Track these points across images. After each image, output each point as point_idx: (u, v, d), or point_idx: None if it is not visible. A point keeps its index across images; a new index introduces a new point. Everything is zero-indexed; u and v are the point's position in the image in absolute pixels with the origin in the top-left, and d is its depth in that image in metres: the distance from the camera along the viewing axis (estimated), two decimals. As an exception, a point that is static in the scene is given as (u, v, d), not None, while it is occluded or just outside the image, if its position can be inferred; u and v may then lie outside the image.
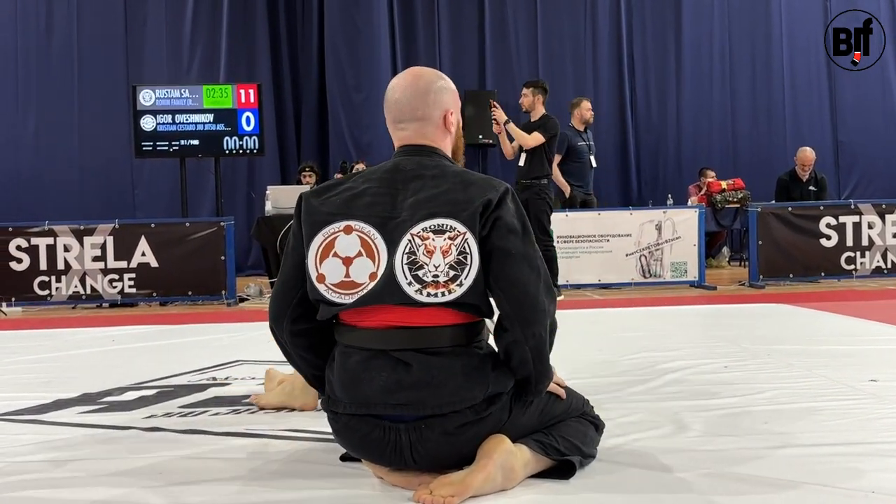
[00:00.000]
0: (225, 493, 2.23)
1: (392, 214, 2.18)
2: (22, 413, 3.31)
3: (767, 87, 12.38)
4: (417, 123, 2.31)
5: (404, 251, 2.13)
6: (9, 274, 7.68)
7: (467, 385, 2.14)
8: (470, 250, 2.12)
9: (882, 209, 8.38)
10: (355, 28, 11.79)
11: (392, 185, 2.23)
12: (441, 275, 2.12)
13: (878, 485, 2.14)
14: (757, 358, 4.08)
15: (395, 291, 2.13)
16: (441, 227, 2.13)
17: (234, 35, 11.69)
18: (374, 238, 2.17)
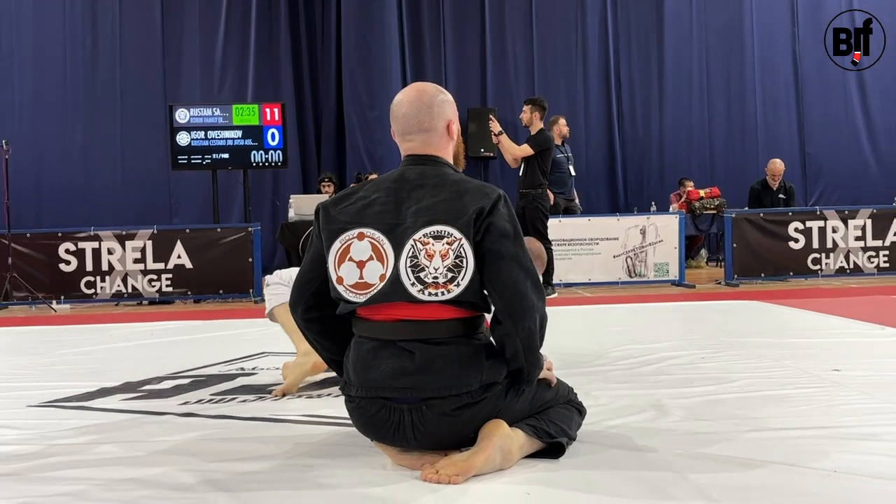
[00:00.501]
0: (252, 472, 2.23)
1: (398, 221, 2.20)
2: (70, 400, 3.33)
3: (741, 105, 12.35)
4: (424, 135, 2.32)
5: (408, 255, 2.16)
6: (58, 274, 7.70)
7: (464, 372, 2.16)
8: (465, 254, 2.15)
9: (845, 215, 8.36)
10: (369, 52, 11.80)
11: (398, 194, 2.24)
12: (440, 276, 2.14)
13: (840, 464, 2.14)
14: (731, 350, 4.08)
15: (401, 291, 2.16)
16: (440, 233, 2.15)
17: (261, 59, 11.70)
18: (382, 243, 2.19)
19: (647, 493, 1.96)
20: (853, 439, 2.38)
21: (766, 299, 6.55)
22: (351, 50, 11.76)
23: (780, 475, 2.08)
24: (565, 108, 11.72)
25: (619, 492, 1.98)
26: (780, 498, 1.91)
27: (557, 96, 11.83)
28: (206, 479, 2.16)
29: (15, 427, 2.84)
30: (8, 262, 7.45)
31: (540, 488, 2.02)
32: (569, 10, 12.16)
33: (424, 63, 12.01)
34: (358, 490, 2.07)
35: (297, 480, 2.16)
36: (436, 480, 2.07)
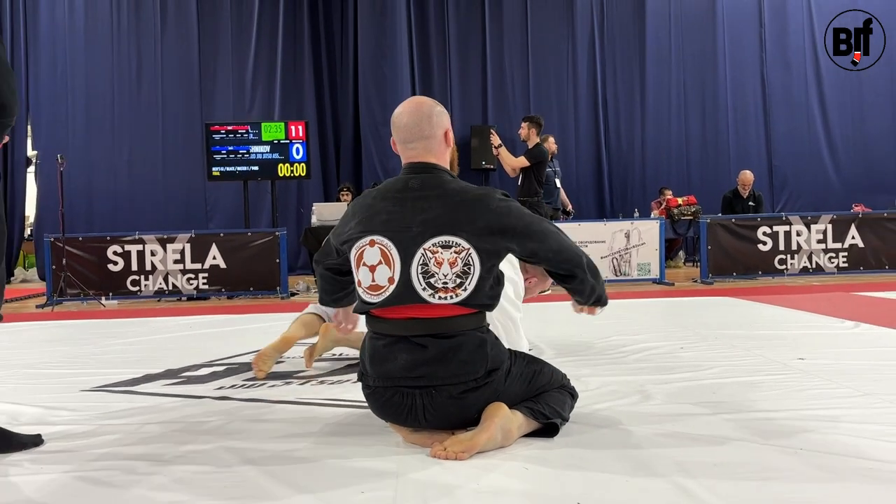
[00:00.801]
0: (280, 449, 2.23)
1: (404, 228, 2.20)
2: (118, 385, 3.33)
3: (714, 122, 12.34)
4: (425, 142, 2.31)
5: (418, 262, 2.16)
6: (107, 274, 7.72)
7: (471, 361, 2.16)
8: (473, 262, 2.16)
9: (808, 220, 8.33)
10: (383, 76, 11.81)
11: (402, 203, 2.23)
12: (449, 282, 2.15)
13: (806, 444, 2.13)
14: (706, 341, 4.06)
15: (413, 295, 2.16)
16: (447, 243, 2.16)
17: (286, 82, 11.72)
18: (389, 248, 2.20)
19: (632, 469, 1.95)
20: (817, 420, 2.37)
21: (738, 295, 6.53)
22: (366, 73, 11.78)
23: (751, 452, 2.07)
24: (557, 125, 11.72)
25: (607, 467, 1.97)
26: (752, 472, 1.90)
27: (550, 115, 11.83)
28: (239, 456, 2.16)
29: (70, 409, 2.84)
30: (63, 263, 7.47)
31: (537, 464, 2.02)
32: (561, 39, 12.17)
33: (432, 85, 12.02)
34: (374, 464, 2.06)
35: (320, 456, 2.16)
36: (444, 457, 2.07)
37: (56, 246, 7.58)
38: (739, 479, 1.85)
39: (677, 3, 12.29)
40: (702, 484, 1.81)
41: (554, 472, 1.95)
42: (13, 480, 2.02)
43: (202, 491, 1.88)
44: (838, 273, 8.24)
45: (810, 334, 4.20)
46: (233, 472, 2.02)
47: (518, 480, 1.90)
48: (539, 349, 3.85)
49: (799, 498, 1.73)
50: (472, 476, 1.93)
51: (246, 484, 1.93)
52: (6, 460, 2.18)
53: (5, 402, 2.61)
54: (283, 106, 11.65)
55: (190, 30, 11.62)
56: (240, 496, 1.84)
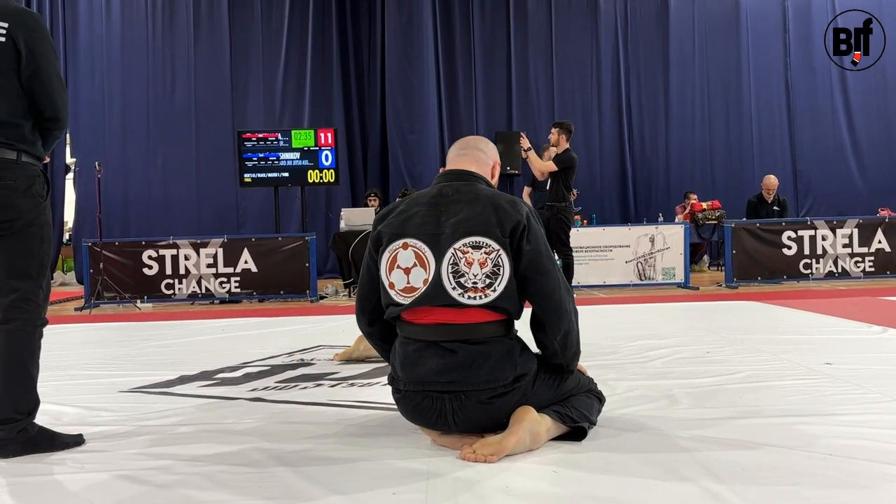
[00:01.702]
0: (313, 450, 2.25)
1: (437, 231, 2.22)
2: (154, 386, 3.37)
3: (738, 127, 12.20)
4: (476, 153, 2.41)
5: (449, 262, 2.17)
6: (142, 277, 7.80)
7: (500, 367, 2.16)
8: (502, 263, 2.16)
9: (833, 225, 8.21)
10: (409, 83, 11.84)
11: (436, 207, 2.26)
12: (479, 282, 2.15)
13: (835, 448, 2.10)
14: (732, 345, 4.02)
15: (443, 295, 2.16)
16: (478, 243, 2.17)
17: (315, 91, 11.79)
18: (424, 251, 2.21)
19: (661, 473, 1.94)
20: (846, 426, 2.34)
21: (763, 300, 6.45)
22: (393, 82, 11.82)
23: (780, 457, 2.04)
24: (581, 130, 11.66)
25: (636, 471, 1.96)
26: (781, 477, 1.88)
27: (574, 120, 11.65)
28: (273, 456, 2.18)
29: (109, 410, 2.88)
30: (100, 267, 7.58)
31: (566, 467, 2.01)
32: (585, 46, 12.11)
33: (458, 92, 12.03)
34: (404, 466, 2.07)
35: (351, 457, 2.17)
36: (473, 459, 2.07)
37: (94, 251, 7.69)
38: (768, 483, 1.83)
39: (700, 8, 12.19)
40: (731, 488, 1.79)
41: (583, 475, 1.94)
42: (57, 479, 2.05)
43: (238, 490, 1.90)
44: (864, 277, 8.10)
45: (837, 339, 4.14)
46: (267, 473, 2.04)
47: (547, 483, 1.90)
48: (565, 353, 3.83)
49: (830, 502, 1.70)
50: (501, 478, 1.93)
51: (280, 484, 1.94)
52: (50, 459, 2.23)
53: (48, 403, 2.65)
54: (311, 113, 11.72)
55: (222, 40, 11.74)
56: (275, 496, 1.85)
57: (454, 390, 2.15)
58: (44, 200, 2.36)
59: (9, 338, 2.28)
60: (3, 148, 2.27)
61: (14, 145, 2.28)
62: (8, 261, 2.29)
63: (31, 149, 2.33)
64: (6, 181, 2.26)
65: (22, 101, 2.30)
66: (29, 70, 2.29)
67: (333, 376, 3.47)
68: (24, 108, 2.31)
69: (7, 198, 2.26)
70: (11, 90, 2.28)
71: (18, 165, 2.29)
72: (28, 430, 2.27)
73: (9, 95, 2.28)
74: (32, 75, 2.29)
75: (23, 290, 2.29)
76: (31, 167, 2.33)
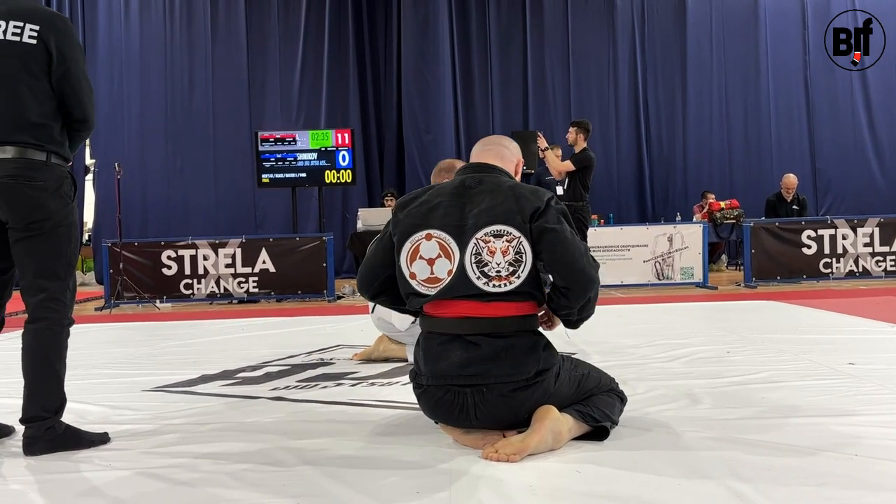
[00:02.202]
0: (335, 449, 2.26)
1: (461, 222, 2.23)
2: (176, 386, 3.39)
3: (757, 125, 12.11)
4: (500, 149, 2.43)
5: (472, 252, 2.18)
6: (161, 278, 7.85)
7: (523, 360, 2.17)
8: (525, 251, 2.17)
9: (854, 224, 8.14)
10: (426, 83, 11.85)
11: (459, 198, 2.27)
12: (503, 270, 2.16)
13: (860, 449, 2.09)
14: (753, 345, 3.99)
15: (468, 284, 2.17)
16: (499, 232, 2.18)
17: (332, 91, 11.83)
18: (449, 243, 2.21)
19: (685, 472, 1.93)
20: (871, 426, 2.32)
21: (783, 299, 6.41)
22: (409, 81, 11.84)
23: (805, 458, 2.03)
24: (598, 130, 11.63)
25: (661, 471, 1.96)
26: (806, 478, 1.86)
27: (591, 120, 11.61)
28: (296, 455, 2.20)
29: (132, 409, 2.91)
30: (120, 267, 7.65)
31: (589, 466, 2.01)
32: (602, 45, 12.07)
33: (474, 92, 12.03)
34: (427, 465, 2.08)
35: (374, 456, 2.18)
36: (496, 458, 2.07)
37: (113, 251, 7.75)
38: (794, 484, 1.82)
39: (719, 6, 12.10)
40: (756, 488, 1.79)
41: (606, 475, 1.94)
42: (84, 476, 2.08)
43: (263, 489, 1.91)
44: (886, 277, 8.02)
45: (859, 339, 4.11)
46: (291, 471, 2.05)
47: (571, 482, 1.90)
48: (585, 353, 3.82)
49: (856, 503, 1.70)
50: (524, 478, 1.93)
51: (305, 482, 1.95)
52: (77, 457, 2.25)
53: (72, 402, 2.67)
54: (328, 114, 11.76)
55: (239, 41, 11.81)
56: (299, 494, 1.86)
57: (476, 384, 2.15)
58: (71, 201, 2.39)
59: (36, 337, 2.31)
60: (33, 149, 2.30)
61: (44, 146, 2.31)
62: (37, 261, 2.32)
63: (59, 150, 2.36)
64: (36, 182, 2.29)
65: (52, 103, 2.34)
66: (59, 72, 2.32)
67: (353, 375, 3.48)
68: (53, 110, 2.34)
69: (37, 198, 2.29)
70: (42, 92, 2.31)
71: (48, 167, 2.32)
72: (55, 429, 2.30)
73: (39, 97, 2.31)
74: (63, 77, 2.33)
75: (51, 290, 2.32)
76: (59, 168, 2.36)
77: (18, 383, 2.33)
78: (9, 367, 2.38)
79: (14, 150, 2.28)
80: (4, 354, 2.47)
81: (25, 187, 2.28)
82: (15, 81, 2.28)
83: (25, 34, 2.28)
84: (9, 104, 2.29)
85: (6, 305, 2.49)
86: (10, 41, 2.28)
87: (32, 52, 2.29)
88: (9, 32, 2.28)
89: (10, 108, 2.29)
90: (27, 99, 2.29)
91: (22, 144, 2.28)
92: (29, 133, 2.29)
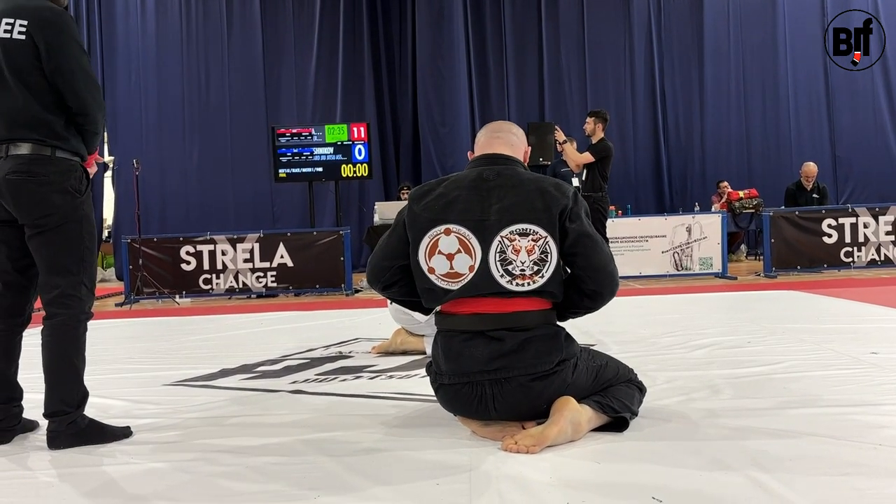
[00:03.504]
0: (354, 441, 2.26)
1: (482, 217, 2.20)
2: (196, 380, 3.41)
3: (775, 114, 11.99)
4: (509, 136, 2.40)
5: (496, 250, 2.16)
6: (180, 273, 7.92)
7: (546, 350, 2.17)
8: (550, 250, 2.16)
9: (875, 212, 8.04)
10: (441, 76, 11.83)
11: (479, 192, 2.23)
12: (527, 269, 2.15)
13: (885, 439, 2.06)
14: (774, 335, 3.95)
15: (491, 283, 2.16)
16: (525, 230, 2.16)
17: (347, 86, 11.85)
18: (469, 238, 2.20)
19: (706, 463, 1.92)
20: (894, 416, 2.29)
21: (803, 289, 6.35)
22: (425, 75, 11.82)
23: (827, 448, 2.01)
24: (615, 120, 11.58)
25: (681, 462, 1.94)
26: (829, 468, 1.84)
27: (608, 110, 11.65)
28: (316, 447, 2.21)
29: (154, 403, 2.93)
30: (139, 263, 7.71)
31: (609, 457, 2.00)
32: (617, 34, 11.99)
33: (489, 85, 12.00)
34: (446, 457, 2.08)
35: (393, 448, 2.18)
36: (515, 450, 2.07)
37: (133, 247, 7.82)
38: (817, 474, 1.80)
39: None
40: (778, 478, 1.77)
41: (626, 466, 1.93)
42: (107, 469, 2.10)
43: (284, 481, 1.92)
44: (909, 265, 7.93)
45: (882, 328, 4.06)
46: (311, 464, 2.06)
47: (590, 473, 1.89)
48: (604, 344, 3.81)
49: (880, 494, 1.67)
50: (544, 469, 1.93)
51: (324, 475, 1.96)
52: (100, 451, 2.27)
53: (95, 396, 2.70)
54: (344, 108, 11.78)
55: (254, 37, 11.85)
56: (319, 486, 1.87)
57: (501, 377, 2.15)
58: (80, 195, 2.37)
59: (53, 333, 2.32)
60: (37, 145, 2.30)
61: (46, 141, 2.30)
62: (48, 257, 2.32)
63: (65, 144, 2.34)
64: (39, 177, 2.29)
65: (51, 97, 2.32)
66: (51, 66, 2.29)
67: (372, 368, 3.49)
68: (53, 104, 2.32)
69: (42, 194, 2.29)
70: (39, 87, 2.30)
71: (52, 161, 2.31)
72: (78, 423, 2.32)
73: (37, 93, 2.30)
74: (55, 70, 2.30)
75: (63, 286, 2.32)
76: (66, 162, 2.34)
77: (42, 379, 2.35)
78: (34, 363, 2.40)
79: (16, 147, 2.29)
80: (30, 350, 2.48)
81: (30, 183, 2.28)
82: (12, 79, 2.28)
83: (16, 30, 2.28)
84: (8, 102, 2.29)
85: (33, 302, 2.51)
86: (1, 38, 2.28)
87: (23, 48, 2.28)
88: (0, 30, 2.28)
89: (10, 106, 2.29)
90: (26, 95, 2.28)
91: (24, 140, 2.28)
92: (31, 129, 2.29)
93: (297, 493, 1.83)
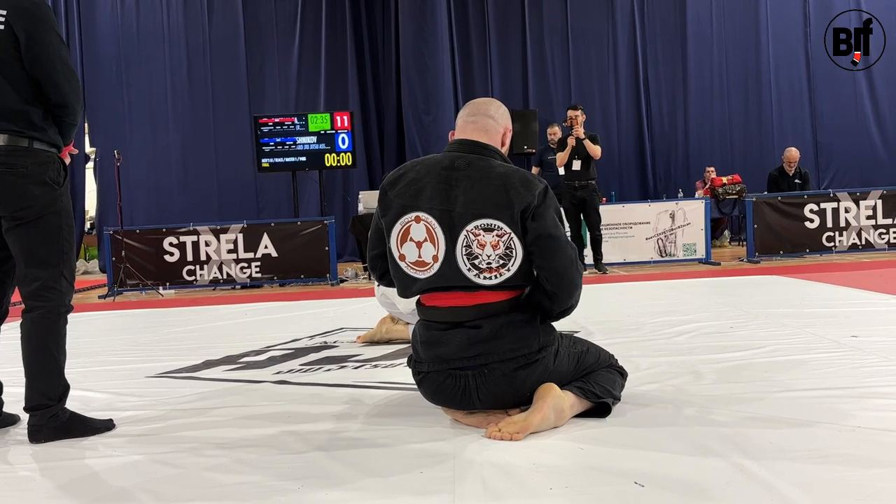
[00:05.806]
0: (340, 431, 2.26)
1: (447, 207, 2.18)
2: (180, 371, 3.39)
3: (758, 100, 12.03)
4: (487, 120, 2.31)
5: (462, 244, 2.16)
6: (164, 264, 7.87)
7: (524, 335, 2.17)
8: (515, 246, 2.16)
9: (857, 196, 8.11)
10: (424, 64, 11.77)
11: (447, 181, 2.21)
12: (493, 262, 2.15)
13: (863, 421, 2.08)
14: (756, 320, 3.99)
15: (459, 276, 2.18)
16: (490, 226, 2.15)
17: (330, 74, 11.77)
18: (434, 227, 2.20)
19: (689, 448, 1.93)
20: (874, 398, 2.32)
21: (786, 274, 6.39)
22: (408, 61, 11.76)
23: (808, 431, 2.03)
24: (599, 107, 11.60)
25: (664, 447, 1.96)
26: (810, 451, 1.86)
27: (592, 97, 11.72)
28: (301, 438, 2.20)
29: (136, 395, 2.92)
30: (122, 255, 7.65)
31: (592, 443, 2.01)
32: (601, 22, 11.97)
33: (473, 73, 11.96)
34: (430, 445, 2.08)
35: (377, 438, 2.18)
36: (499, 437, 2.08)
37: (115, 239, 7.75)
38: (798, 458, 1.82)
39: (718, -21, 12.00)
40: (761, 463, 1.78)
41: (610, 452, 1.94)
42: (88, 463, 2.08)
43: (269, 472, 1.92)
44: (889, 249, 8.00)
45: (862, 311, 4.10)
46: (296, 455, 2.05)
47: (574, 459, 1.90)
48: (588, 331, 3.82)
49: (859, 476, 1.69)
50: (527, 456, 1.93)
51: (309, 465, 1.96)
52: (82, 444, 2.26)
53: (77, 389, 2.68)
54: (327, 96, 11.71)
55: (236, 25, 11.72)
56: (304, 476, 1.87)
57: (479, 364, 2.15)
58: (59, 187, 2.35)
59: (33, 325, 2.30)
60: (14, 136, 2.27)
61: (24, 132, 2.27)
62: (27, 250, 2.30)
63: (42, 136, 2.31)
64: (17, 168, 2.26)
65: (30, 88, 2.29)
66: (30, 57, 2.26)
67: (357, 358, 3.48)
68: (32, 96, 2.29)
69: (19, 185, 2.26)
70: (18, 77, 2.27)
71: (30, 152, 2.28)
72: (59, 416, 2.31)
73: (15, 84, 2.27)
74: (34, 61, 2.27)
75: (43, 278, 2.30)
76: (43, 154, 2.31)
77: (22, 372, 2.33)
78: (13, 357, 2.38)
79: None
80: (9, 344, 2.46)
81: (8, 175, 2.25)
82: None
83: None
84: None
85: (10, 296, 2.48)
86: None
87: (2, 39, 2.24)
88: None
89: None
90: (3, 85, 2.25)
91: (1, 131, 2.25)
92: (8, 120, 2.26)
93: (282, 485, 1.82)
